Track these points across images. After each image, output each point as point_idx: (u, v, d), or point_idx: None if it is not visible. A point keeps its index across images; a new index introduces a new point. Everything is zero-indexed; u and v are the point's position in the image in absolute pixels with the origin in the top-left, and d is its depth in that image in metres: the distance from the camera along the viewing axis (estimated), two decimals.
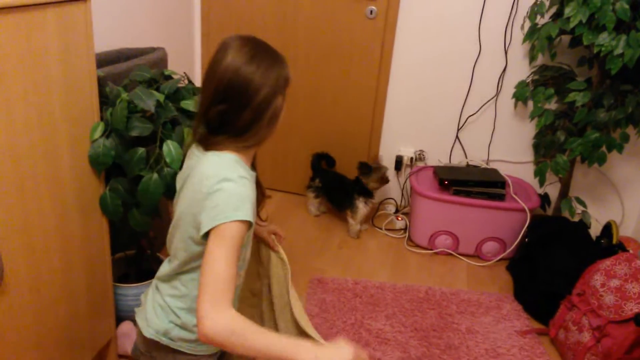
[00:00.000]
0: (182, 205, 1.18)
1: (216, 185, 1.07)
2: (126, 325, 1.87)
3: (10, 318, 1.26)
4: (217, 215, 1.05)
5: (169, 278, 1.25)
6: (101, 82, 1.54)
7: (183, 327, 1.22)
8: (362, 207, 2.74)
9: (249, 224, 1.07)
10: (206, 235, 1.06)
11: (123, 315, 1.89)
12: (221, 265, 1.02)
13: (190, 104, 1.60)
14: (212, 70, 1.14)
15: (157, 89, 1.60)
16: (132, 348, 1.38)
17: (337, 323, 2.08)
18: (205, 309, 0.98)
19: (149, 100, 1.47)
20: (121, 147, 1.51)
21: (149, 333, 1.24)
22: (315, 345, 1.03)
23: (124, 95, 1.48)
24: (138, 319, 1.29)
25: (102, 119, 1.51)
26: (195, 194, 1.12)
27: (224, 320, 0.98)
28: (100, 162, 1.47)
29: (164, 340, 1.22)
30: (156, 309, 1.25)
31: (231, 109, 1.13)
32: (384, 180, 2.77)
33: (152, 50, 2.11)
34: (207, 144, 1.16)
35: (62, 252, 1.42)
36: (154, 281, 1.33)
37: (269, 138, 1.20)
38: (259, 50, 1.14)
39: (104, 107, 1.52)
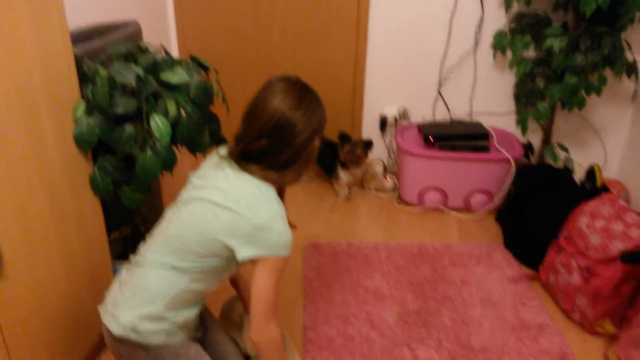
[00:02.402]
0: (206, 208, 1.24)
1: (270, 221, 1.22)
2: None
3: (12, 297, 1.26)
4: (270, 249, 1.22)
5: (158, 265, 1.26)
6: (78, 60, 1.51)
7: (157, 317, 1.25)
8: (343, 176, 2.75)
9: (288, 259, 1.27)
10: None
11: None
12: (271, 291, 1.25)
13: (170, 76, 1.57)
14: (258, 107, 1.25)
15: (135, 63, 1.57)
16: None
17: (335, 285, 2.12)
18: (261, 324, 1.25)
19: (129, 75, 1.45)
20: (105, 125, 1.49)
21: (117, 330, 1.24)
22: None
23: (103, 71, 1.45)
24: (104, 317, 1.29)
25: (82, 97, 1.48)
26: (238, 216, 1.21)
27: (274, 334, 1.28)
28: (85, 141, 1.46)
29: (133, 337, 1.24)
30: (129, 306, 1.25)
31: (273, 146, 1.25)
32: (353, 159, 2.68)
33: (126, 24, 2.06)
34: (242, 166, 1.28)
35: (58, 234, 1.41)
36: (125, 271, 1.32)
37: (302, 177, 1.35)
38: (304, 96, 1.26)
39: (83, 85, 1.49)
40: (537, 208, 2.32)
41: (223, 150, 1.36)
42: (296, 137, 1.24)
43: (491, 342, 1.85)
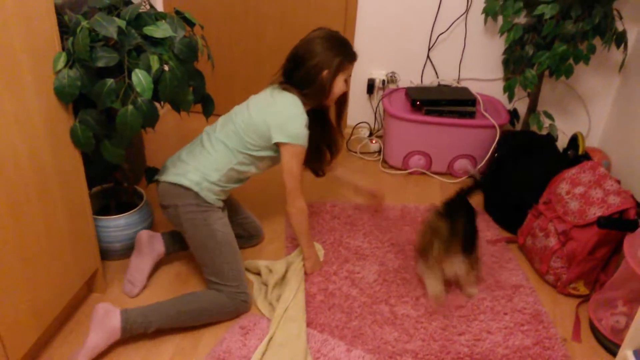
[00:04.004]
0: (258, 109, 1.76)
1: (294, 116, 1.71)
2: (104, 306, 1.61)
3: None
4: (292, 138, 1.71)
5: (220, 147, 1.74)
6: (59, 11, 1.48)
7: (213, 183, 1.72)
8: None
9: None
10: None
11: (106, 246, 1.92)
12: (296, 171, 1.76)
13: (153, 30, 1.55)
14: (297, 44, 1.75)
15: (118, 16, 1.54)
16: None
17: (317, 243, 2.15)
18: (292, 197, 1.80)
19: (110, 27, 1.42)
20: (87, 78, 1.47)
21: (186, 182, 1.69)
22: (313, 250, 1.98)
23: (84, 22, 1.43)
24: (170, 175, 1.72)
25: (63, 49, 1.46)
26: (276, 110, 1.73)
27: (302, 205, 1.83)
28: (66, 94, 1.45)
29: (195, 188, 1.69)
30: (195, 169, 1.72)
31: (292, 66, 1.75)
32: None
33: None
34: (281, 87, 1.78)
35: (38, 186, 1.42)
36: (185, 152, 1.80)
37: (322, 103, 1.82)
38: (334, 40, 1.73)
39: (65, 37, 1.47)
40: (518, 173, 2.35)
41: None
42: (308, 61, 1.70)
43: (467, 301, 1.90)
